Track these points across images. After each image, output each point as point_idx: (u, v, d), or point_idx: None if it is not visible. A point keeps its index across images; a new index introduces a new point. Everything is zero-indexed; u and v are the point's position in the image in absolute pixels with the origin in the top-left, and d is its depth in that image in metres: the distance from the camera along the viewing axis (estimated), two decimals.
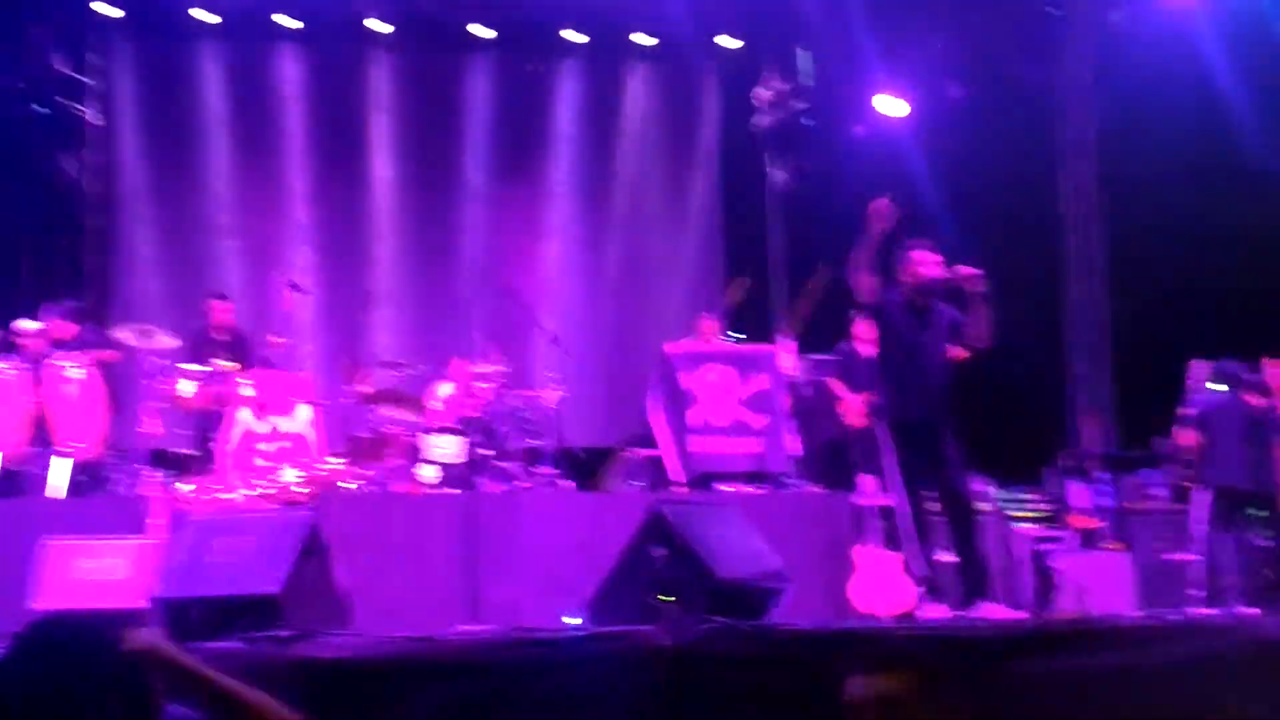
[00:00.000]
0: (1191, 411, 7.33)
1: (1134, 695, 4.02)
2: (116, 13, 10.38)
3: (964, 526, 5.66)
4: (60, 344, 7.42)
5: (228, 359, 7.79)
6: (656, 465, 7.82)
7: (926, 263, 5.73)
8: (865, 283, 5.63)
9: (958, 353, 6.04)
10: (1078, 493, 7.79)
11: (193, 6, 10.46)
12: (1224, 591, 6.69)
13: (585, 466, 8.58)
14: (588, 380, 10.12)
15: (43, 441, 6.93)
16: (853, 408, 7.98)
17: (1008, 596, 6.48)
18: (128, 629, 2.32)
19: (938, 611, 5.55)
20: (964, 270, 5.64)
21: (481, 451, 7.66)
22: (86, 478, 7.08)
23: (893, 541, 6.41)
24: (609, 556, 5.20)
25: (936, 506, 5.82)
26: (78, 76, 10.24)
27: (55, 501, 6.76)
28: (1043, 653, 4.06)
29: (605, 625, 4.69)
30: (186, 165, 10.71)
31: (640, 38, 11.27)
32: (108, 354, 7.62)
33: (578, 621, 5.01)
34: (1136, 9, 9.74)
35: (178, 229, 10.62)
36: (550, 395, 8.16)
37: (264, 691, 2.43)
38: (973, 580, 5.58)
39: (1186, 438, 7.30)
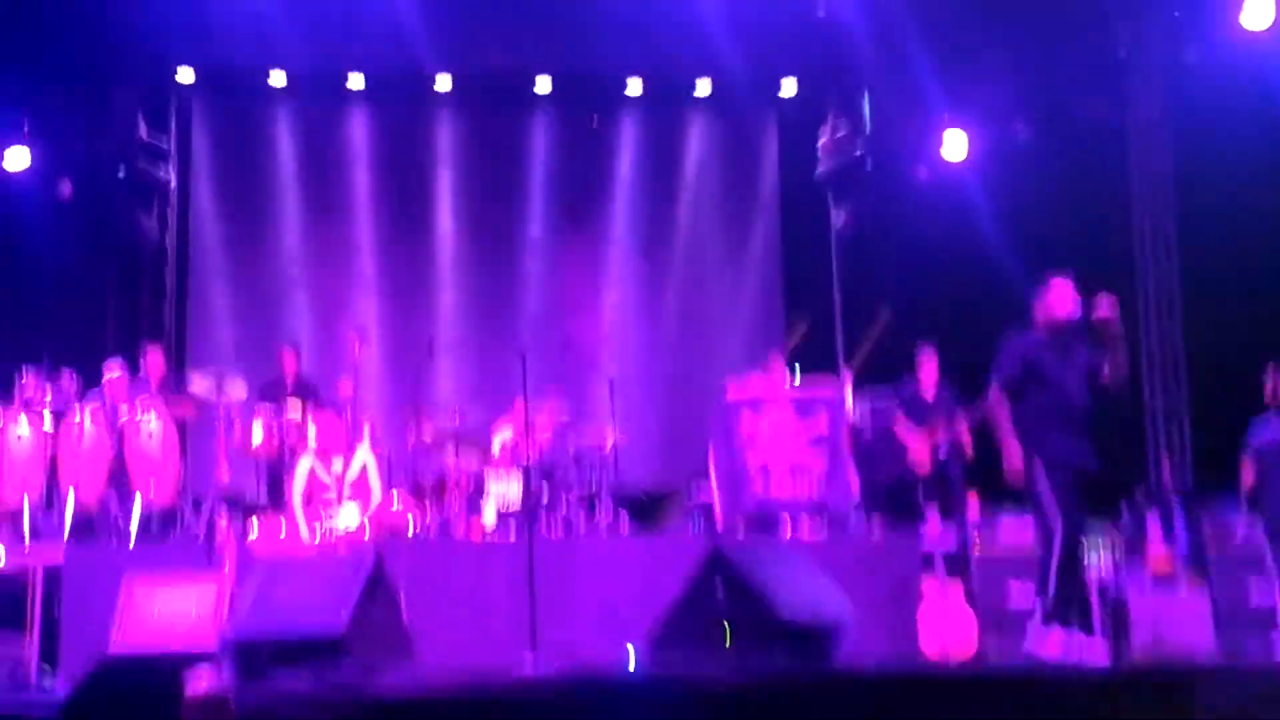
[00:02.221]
0: (1249, 443, 7.06)
1: None
2: (192, 76, 10.74)
3: (1075, 564, 5.56)
4: (142, 390, 7.66)
5: (296, 406, 7.95)
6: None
7: (1065, 300, 5.62)
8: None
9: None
10: (1155, 529, 7.57)
11: (265, 69, 10.79)
12: None
13: (644, 509, 8.57)
14: (648, 425, 10.16)
15: (119, 487, 7.11)
16: (921, 450, 7.87)
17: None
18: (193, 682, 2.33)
19: (1053, 645, 5.37)
20: (1103, 308, 5.51)
21: (541, 496, 7.68)
22: (159, 522, 7.25)
23: (958, 582, 6.28)
24: (667, 599, 5.16)
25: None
26: (157, 140, 10.60)
27: (130, 546, 6.90)
28: (1121, 698, 3.94)
29: (665, 665, 4.65)
30: (258, 221, 11.01)
31: (699, 86, 11.37)
32: (184, 409, 7.83)
33: (637, 662, 4.98)
34: (1207, 46, 9.58)
35: (250, 282, 10.89)
36: (609, 439, 8.19)
37: None
38: (1063, 613, 5.44)
39: (1246, 474, 7.02)
